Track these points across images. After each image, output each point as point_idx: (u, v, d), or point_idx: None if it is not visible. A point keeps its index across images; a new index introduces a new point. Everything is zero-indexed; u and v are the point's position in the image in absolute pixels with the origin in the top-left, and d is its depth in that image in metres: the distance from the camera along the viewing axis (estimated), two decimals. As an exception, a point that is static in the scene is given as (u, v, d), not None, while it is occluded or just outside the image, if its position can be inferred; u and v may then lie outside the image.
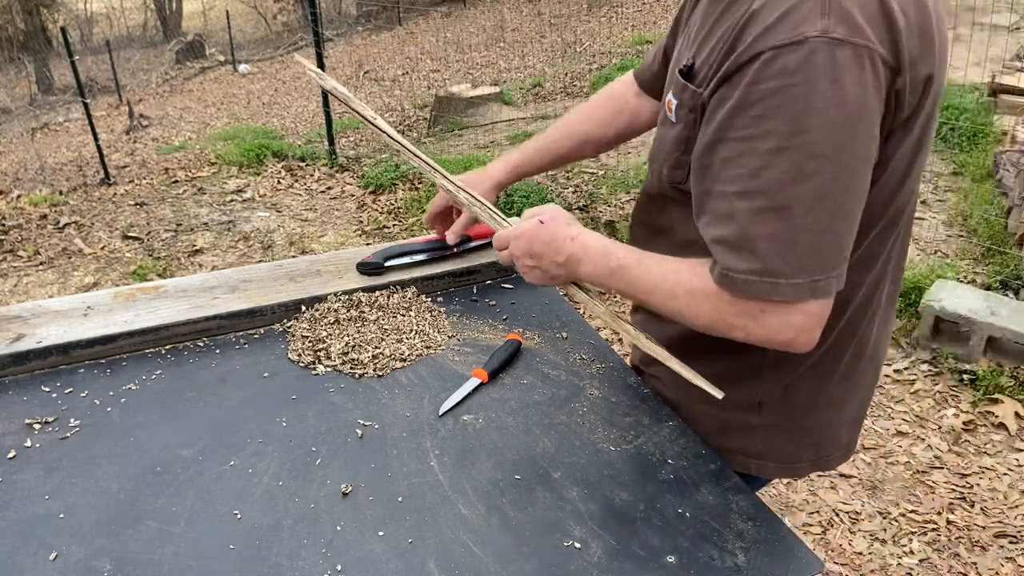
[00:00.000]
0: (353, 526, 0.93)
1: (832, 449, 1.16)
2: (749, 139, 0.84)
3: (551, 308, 1.39)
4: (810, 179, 0.82)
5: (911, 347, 3.16)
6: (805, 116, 0.81)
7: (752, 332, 0.92)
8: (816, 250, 0.85)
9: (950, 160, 4.88)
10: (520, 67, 9.31)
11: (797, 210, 0.83)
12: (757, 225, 0.85)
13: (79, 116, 11.04)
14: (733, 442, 1.13)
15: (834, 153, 0.82)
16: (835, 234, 0.85)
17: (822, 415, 1.12)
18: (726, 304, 0.92)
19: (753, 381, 1.09)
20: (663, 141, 1.03)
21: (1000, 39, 6.72)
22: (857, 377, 1.11)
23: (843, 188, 0.84)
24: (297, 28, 16.88)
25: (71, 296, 1.38)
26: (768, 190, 0.84)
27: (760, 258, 0.86)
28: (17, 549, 0.90)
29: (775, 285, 0.86)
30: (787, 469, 1.16)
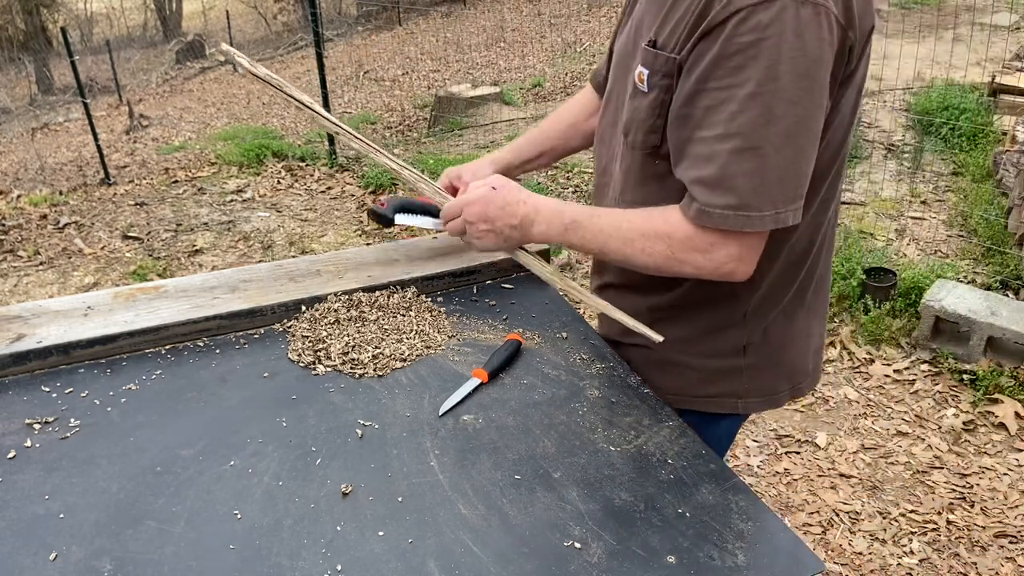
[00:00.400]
0: (353, 526, 0.93)
1: (803, 378, 1.28)
2: (728, 87, 0.95)
3: (551, 308, 1.39)
4: (780, 121, 0.94)
5: (911, 347, 3.16)
6: (777, 65, 0.92)
7: (701, 266, 1.04)
8: (782, 185, 0.97)
9: (950, 160, 4.88)
10: (520, 67, 9.30)
11: (768, 149, 0.95)
12: (735, 164, 0.96)
13: (79, 116, 11.04)
14: (721, 387, 1.23)
15: (799, 98, 0.94)
16: (796, 171, 0.98)
17: (794, 347, 1.24)
18: (678, 242, 1.04)
19: (739, 328, 1.19)
20: (637, 111, 1.10)
21: (1000, 39, 6.72)
22: (818, 308, 1.25)
23: (805, 130, 0.96)
24: (297, 28, 16.88)
25: (71, 296, 1.38)
26: (745, 132, 0.95)
27: (737, 194, 0.97)
28: (17, 549, 0.90)
29: (748, 218, 0.98)
30: (769, 401, 1.26)
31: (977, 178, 4.54)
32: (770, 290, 1.17)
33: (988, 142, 4.90)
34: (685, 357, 1.22)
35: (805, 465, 2.64)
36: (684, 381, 1.24)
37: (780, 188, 0.97)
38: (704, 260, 1.04)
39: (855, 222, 4.11)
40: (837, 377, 3.07)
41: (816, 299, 1.24)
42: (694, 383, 1.23)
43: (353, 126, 7.27)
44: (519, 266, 1.50)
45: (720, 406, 1.24)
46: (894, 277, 3.37)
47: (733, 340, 1.20)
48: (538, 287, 1.46)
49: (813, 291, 1.22)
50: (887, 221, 4.19)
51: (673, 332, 1.20)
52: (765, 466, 2.64)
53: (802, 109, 0.94)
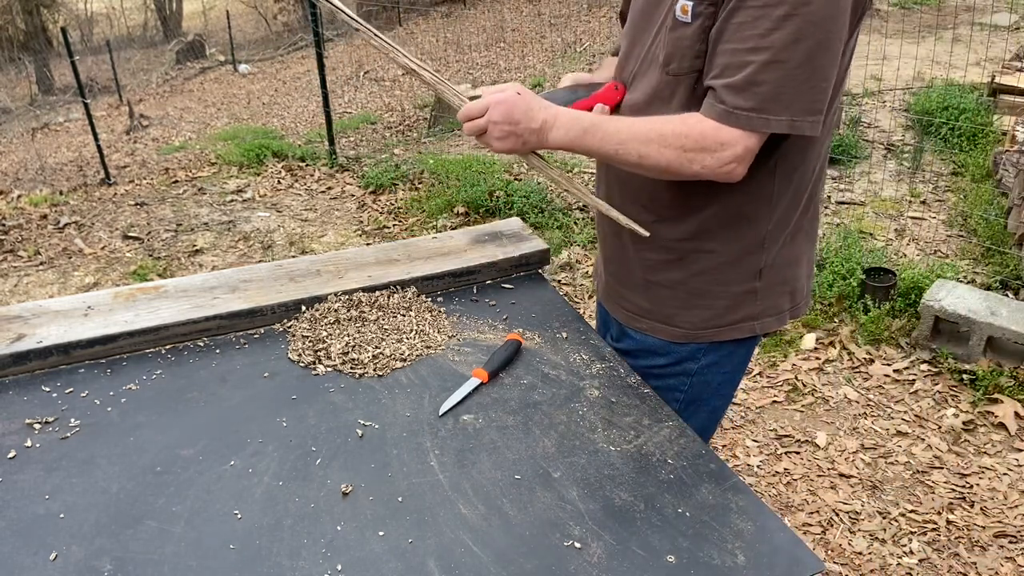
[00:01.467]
0: (353, 526, 0.93)
1: (800, 298, 1.38)
2: (764, 7, 1.06)
3: (551, 308, 1.39)
4: (806, 40, 1.06)
5: (911, 347, 3.16)
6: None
7: (707, 164, 1.13)
8: (798, 95, 1.09)
9: (950, 160, 4.88)
10: (520, 67, 9.30)
11: (791, 64, 1.07)
12: (762, 73, 1.08)
13: (79, 116, 11.04)
14: (741, 312, 1.31)
15: (825, 24, 1.06)
16: (812, 86, 1.09)
17: (795, 269, 1.34)
18: (692, 140, 1.13)
19: (758, 251, 1.28)
20: (680, 40, 1.18)
21: (1000, 39, 6.72)
22: (812, 232, 1.36)
23: (825, 51, 1.07)
24: (297, 28, 16.87)
25: (71, 296, 1.38)
26: (775, 47, 1.06)
27: (760, 98, 1.09)
28: (17, 549, 0.90)
29: (766, 120, 1.10)
30: (777, 320, 1.35)
31: (977, 178, 4.54)
32: (784, 214, 1.26)
33: (988, 142, 4.90)
34: (712, 287, 1.30)
35: (805, 465, 2.64)
36: (711, 312, 1.31)
37: (796, 98, 1.08)
38: (712, 159, 1.13)
39: (855, 222, 4.11)
40: (837, 377, 3.07)
41: (812, 224, 1.34)
42: (720, 312, 1.31)
43: (354, 126, 7.28)
44: (519, 266, 1.50)
45: (741, 331, 1.32)
46: (894, 277, 3.37)
47: (753, 264, 1.29)
48: (538, 287, 1.46)
49: (811, 216, 1.32)
50: (887, 221, 4.19)
51: (699, 263, 1.29)
52: (765, 466, 2.64)
53: (825, 33, 1.06)
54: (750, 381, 3.07)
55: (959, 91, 5.47)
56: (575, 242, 4.15)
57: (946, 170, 4.77)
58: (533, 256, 1.51)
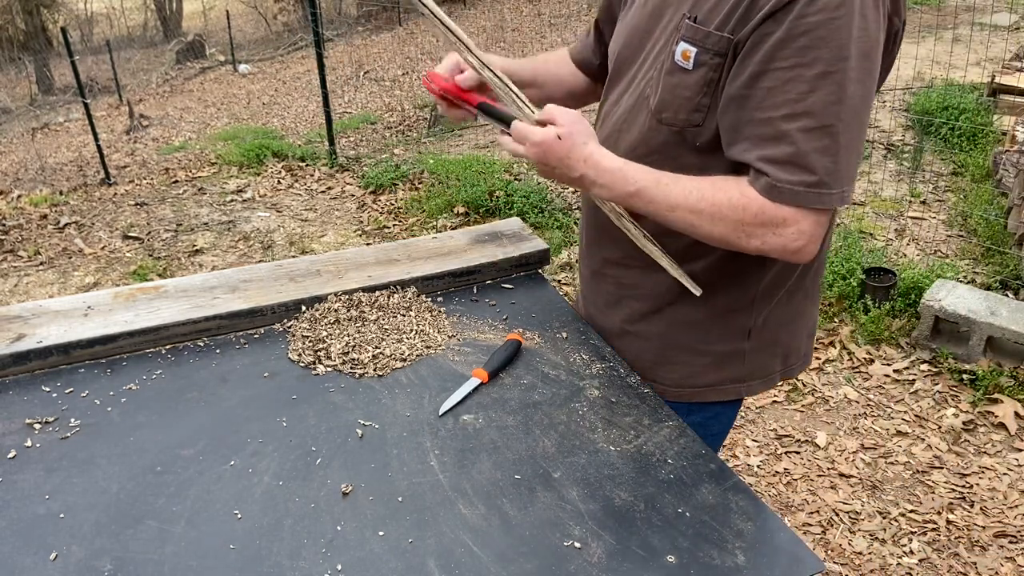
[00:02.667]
0: (353, 526, 0.93)
1: (796, 360, 1.30)
2: (795, 67, 0.96)
3: (551, 308, 1.39)
4: (850, 100, 0.96)
5: (911, 347, 3.16)
6: (848, 45, 0.94)
7: (768, 241, 1.03)
8: (849, 163, 0.99)
9: (950, 160, 4.88)
10: (520, 67, 9.29)
11: (840, 128, 0.97)
12: (807, 142, 0.98)
13: (79, 116, 11.04)
14: (725, 373, 1.24)
15: (863, 78, 0.97)
16: (859, 150, 1.01)
17: (790, 330, 1.26)
18: (751, 216, 1.02)
19: (747, 310, 1.20)
20: (678, 89, 1.08)
21: (1000, 39, 6.73)
22: (813, 291, 1.27)
23: (866, 109, 0.99)
24: (297, 28, 16.87)
25: (71, 296, 1.38)
26: (816, 111, 0.96)
27: (812, 171, 0.98)
28: (17, 549, 0.90)
29: (819, 195, 0.99)
30: (765, 382, 1.27)
31: (977, 178, 4.54)
32: (778, 273, 1.18)
33: (988, 142, 4.90)
34: (694, 343, 1.22)
35: (805, 465, 2.64)
36: (690, 370, 1.23)
37: (848, 166, 0.99)
38: (773, 236, 1.03)
39: (855, 222, 4.11)
40: (837, 377, 3.07)
41: (813, 282, 1.26)
42: (702, 371, 1.23)
43: (354, 125, 7.27)
44: (519, 266, 1.50)
45: (724, 393, 1.25)
46: (894, 277, 3.37)
47: (741, 323, 1.21)
48: (538, 287, 1.46)
49: (812, 274, 1.24)
50: (887, 221, 4.19)
51: (680, 315, 1.21)
52: (765, 466, 2.64)
53: (865, 88, 0.98)
54: (750, 381, 3.07)
55: (959, 91, 5.47)
56: (575, 242, 4.15)
57: (946, 170, 4.77)
58: (533, 256, 1.51)
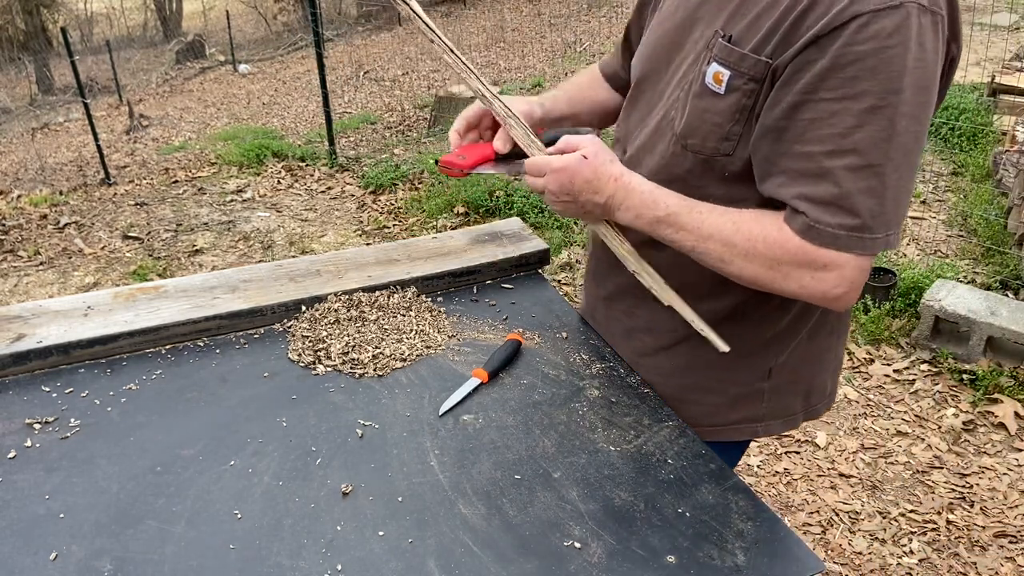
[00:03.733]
0: (353, 526, 0.93)
1: (819, 399, 1.24)
2: (841, 99, 0.87)
3: (551, 308, 1.39)
4: (901, 137, 0.87)
5: (911, 347, 3.16)
6: (901, 77, 0.85)
7: (807, 285, 0.95)
8: (897, 206, 0.91)
9: (950, 160, 4.88)
10: (520, 67, 9.30)
11: (889, 168, 0.88)
12: (852, 182, 0.89)
13: (79, 116, 11.04)
14: (741, 412, 1.18)
15: (918, 113, 0.88)
16: (908, 191, 0.91)
17: (813, 367, 1.20)
18: (789, 255, 0.94)
19: (766, 350, 1.14)
20: (707, 114, 1.00)
21: (1000, 39, 6.72)
22: (841, 328, 1.20)
23: (918, 148, 0.89)
24: (297, 28, 16.87)
25: (71, 296, 1.38)
26: (863, 148, 0.88)
27: (855, 214, 0.90)
28: (17, 549, 0.90)
29: (862, 240, 0.90)
30: (786, 423, 1.21)
31: (977, 178, 4.54)
32: (802, 309, 1.12)
33: (988, 142, 4.90)
34: (708, 382, 1.16)
35: (805, 465, 2.64)
36: (705, 409, 1.17)
37: (895, 209, 0.91)
38: (811, 279, 0.94)
39: (855, 222, 4.11)
40: (837, 377, 3.07)
41: (840, 319, 1.18)
42: (715, 410, 1.18)
43: (354, 126, 7.27)
44: (519, 266, 1.50)
45: (740, 433, 1.18)
46: (894, 277, 3.37)
47: (761, 362, 1.15)
48: (538, 287, 1.46)
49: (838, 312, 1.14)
50: (887, 221, 4.19)
51: (700, 353, 1.14)
52: (765, 466, 2.64)
53: (920, 125, 0.88)
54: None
55: (959, 91, 5.47)
56: (575, 242, 4.14)
57: (946, 170, 4.77)
58: (533, 256, 1.51)
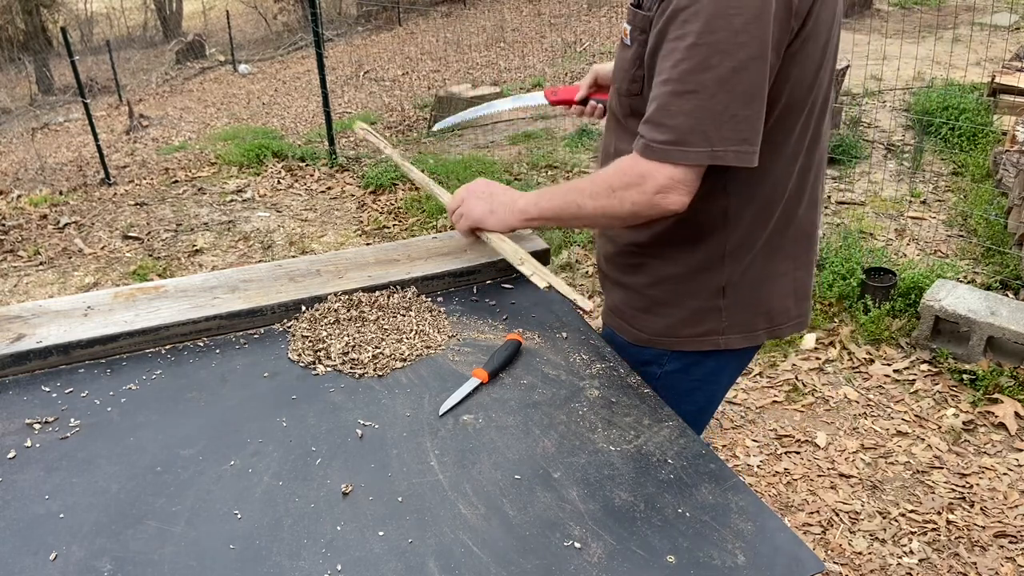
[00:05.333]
0: (353, 526, 0.93)
1: (784, 319, 1.35)
2: (676, 39, 1.08)
3: (551, 308, 1.39)
4: (716, 69, 1.05)
5: (911, 347, 3.16)
6: (714, 19, 1.04)
7: (636, 200, 1.15)
8: (717, 126, 1.07)
9: (950, 160, 4.88)
10: (520, 67, 9.30)
11: (704, 94, 1.06)
12: (672, 104, 1.09)
13: (79, 116, 11.04)
14: (704, 326, 1.32)
15: (733, 50, 1.04)
16: (733, 115, 1.07)
17: (770, 288, 1.32)
18: (616, 178, 1.17)
19: (718, 268, 1.28)
20: (622, 62, 1.25)
21: (1000, 39, 6.72)
22: (800, 255, 1.33)
23: (740, 79, 1.06)
24: (297, 28, 16.87)
25: (71, 296, 1.38)
26: (682, 78, 1.07)
27: (669, 129, 1.09)
28: (17, 549, 0.90)
29: (684, 152, 1.09)
30: (747, 338, 1.34)
31: (977, 178, 4.54)
32: (746, 232, 1.25)
33: (988, 142, 4.90)
34: (670, 296, 1.32)
35: (805, 465, 2.64)
36: (669, 321, 1.33)
37: (715, 128, 1.07)
38: (638, 193, 1.15)
39: (855, 222, 4.11)
40: (837, 377, 3.07)
41: (795, 245, 1.31)
42: (678, 323, 1.32)
43: (353, 127, 7.26)
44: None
45: (703, 344, 1.33)
46: (894, 277, 3.37)
47: (714, 280, 1.28)
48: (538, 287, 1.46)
49: (792, 237, 1.29)
50: (887, 221, 4.19)
51: (658, 271, 1.32)
52: (765, 466, 2.64)
53: (736, 60, 1.05)
54: (750, 381, 3.08)
55: (959, 91, 5.47)
56: (575, 242, 4.15)
57: (946, 170, 4.77)
58: (532, 256, 1.51)
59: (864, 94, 5.96)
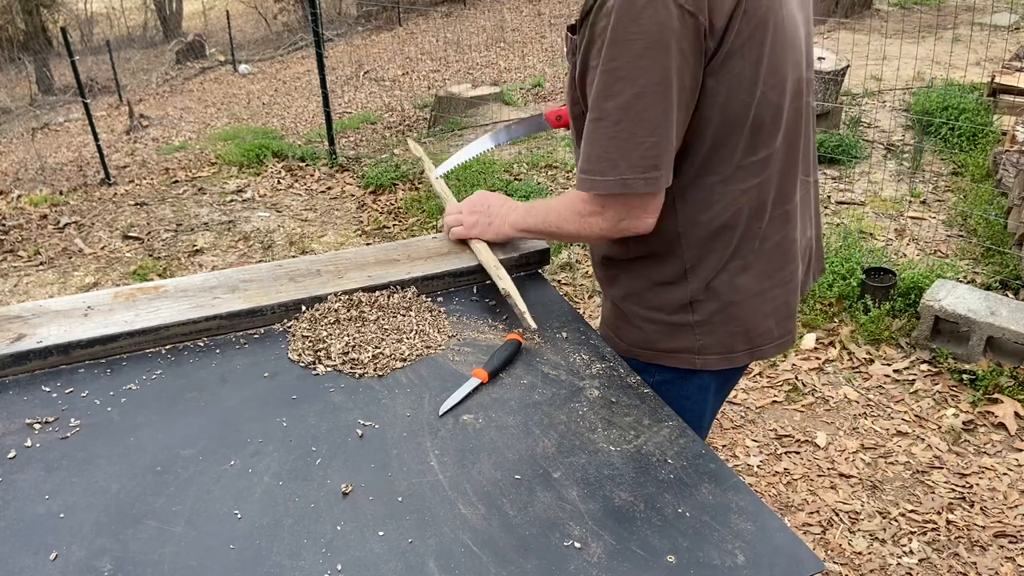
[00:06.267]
0: (353, 526, 0.93)
1: (764, 340, 1.33)
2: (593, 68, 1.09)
3: (551, 308, 1.39)
4: (619, 96, 1.06)
5: (911, 347, 3.16)
6: (615, 46, 1.04)
7: (602, 226, 1.18)
8: (623, 154, 1.08)
9: (950, 160, 4.88)
10: (520, 67, 9.30)
11: (607, 121, 1.08)
12: (591, 133, 1.11)
13: (79, 116, 11.04)
14: (678, 342, 1.31)
15: (635, 77, 1.05)
16: (640, 143, 1.07)
17: (745, 307, 1.29)
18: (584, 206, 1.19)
19: (681, 284, 1.27)
20: (567, 81, 1.27)
21: (1000, 39, 6.73)
22: (773, 273, 1.30)
23: (643, 105, 1.06)
24: (297, 28, 16.87)
25: (71, 296, 1.38)
26: (593, 106, 1.09)
27: (587, 160, 1.12)
28: (17, 549, 0.90)
29: (594, 181, 1.12)
30: (726, 359, 1.32)
31: (977, 178, 4.54)
32: (702, 251, 1.25)
33: (988, 142, 4.90)
34: (640, 310, 1.32)
35: (805, 465, 2.64)
36: (645, 335, 1.33)
37: (622, 155, 1.08)
38: (602, 221, 1.18)
39: (855, 222, 4.11)
40: (837, 377, 3.07)
41: (767, 264, 1.28)
42: (653, 337, 1.33)
43: (354, 126, 7.27)
44: (519, 266, 1.50)
45: (680, 362, 1.32)
46: (894, 277, 3.37)
47: (677, 295, 1.28)
48: (538, 287, 1.46)
49: (758, 255, 1.27)
50: (887, 221, 4.19)
51: (628, 284, 1.33)
52: (765, 466, 2.64)
53: (637, 87, 1.05)
54: (750, 381, 3.08)
55: (959, 91, 5.47)
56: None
57: (946, 170, 4.77)
58: (533, 256, 1.51)
59: (864, 94, 5.96)
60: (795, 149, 1.26)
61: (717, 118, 1.13)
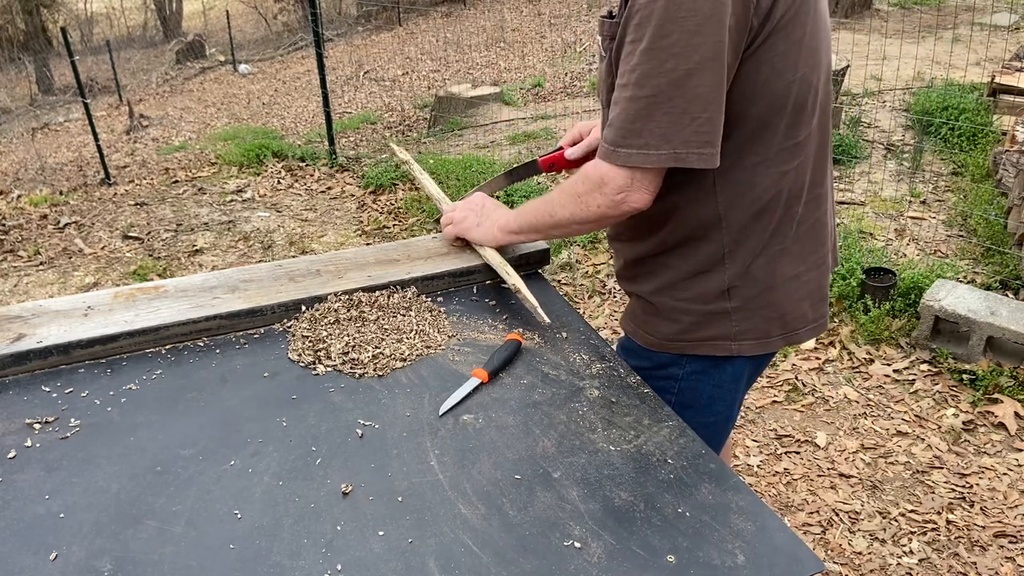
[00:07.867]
0: (353, 526, 0.93)
1: (799, 324, 1.33)
2: (632, 42, 1.09)
3: (551, 308, 1.39)
4: (670, 73, 1.06)
5: (911, 347, 3.16)
6: (667, 24, 1.05)
7: (600, 203, 1.18)
8: (676, 128, 1.09)
9: (950, 160, 4.88)
10: (520, 67, 9.31)
11: (660, 97, 1.08)
12: (626, 108, 1.11)
13: (79, 116, 11.04)
14: (714, 330, 1.30)
15: (688, 53, 1.05)
16: (695, 118, 1.08)
17: (781, 291, 1.29)
18: (580, 184, 1.20)
19: (719, 270, 1.27)
20: (600, 73, 1.27)
21: (1000, 39, 6.73)
22: (806, 254, 1.31)
23: (696, 81, 1.06)
24: (297, 28, 16.87)
25: (71, 296, 1.38)
26: (638, 81, 1.09)
27: (618, 131, 1.12)
28: (17, 549, 0.90)
29: (646, 155, 1.11)
30: (762, 344, 1.32)
31: (977, 178, 4.54)
32: (741, 235, 1.24)
33: (988, 142, 4.90)
34: (674, 302, 1.31)
35: (805, 465, 2.64)
36: (680, 326, 1.32)
37: (676, 131, 1.09)
38: (601, 196, 1.17)
39: (855, 222, 4.11)
40: (837, 377, 3.07)
41: (803, 247, 1.29)
42: (688, 327, 1.32)
43: (354, 126, 7.27)
44: (519, 266, 1.50)
45: (716, 349, 1.32)
46: (894, 277, 3.37)
47: (715, 282, 1.27)
48: (538, 287, 1.46)
49: (795, 238, 1.28)
50: (887, 221, 4.19)
51: (660, 279, 1.32)
52: (765, 466, 2.64)
53: (690, 63, 1.05)
54: (750, 381, 3.07)
55: (959, 91, 5.47)
56: (575, 242, 4.15)
57: (946, 170, 4.77)
58: (533, 256, 1.51)
59: (864, 94, 5.96)
60: (827, 132, 1.28)
61: (760, 98, 1.13)
